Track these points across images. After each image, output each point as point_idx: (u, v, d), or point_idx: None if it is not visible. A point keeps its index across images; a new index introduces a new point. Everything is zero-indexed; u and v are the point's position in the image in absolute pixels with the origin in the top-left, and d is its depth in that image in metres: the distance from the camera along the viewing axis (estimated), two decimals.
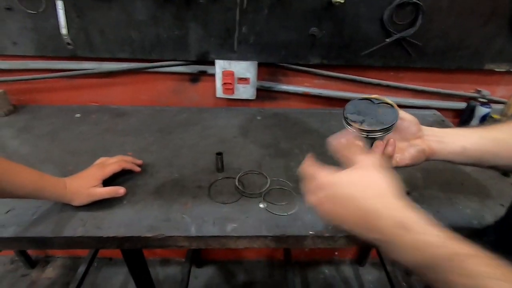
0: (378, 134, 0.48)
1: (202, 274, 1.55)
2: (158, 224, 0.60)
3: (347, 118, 0.49)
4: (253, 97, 1.05)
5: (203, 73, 1.04)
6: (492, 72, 1.05)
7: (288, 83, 1.09)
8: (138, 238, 0.58)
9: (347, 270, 1.58)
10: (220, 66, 0.98)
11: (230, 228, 0.60)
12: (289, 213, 0.64)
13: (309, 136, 0.93)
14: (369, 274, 1.56)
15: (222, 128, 0.96)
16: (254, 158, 0.82)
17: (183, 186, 0.71)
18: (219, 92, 1.03)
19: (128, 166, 0.70)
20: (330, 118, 1.04)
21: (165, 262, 1.59)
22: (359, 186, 0.40)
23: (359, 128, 0.48)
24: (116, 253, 1.60)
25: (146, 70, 1.03)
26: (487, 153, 0.49)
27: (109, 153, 0.75)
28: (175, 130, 0.94)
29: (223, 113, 1.05)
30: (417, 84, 1.09)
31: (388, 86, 1.08)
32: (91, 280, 1.49)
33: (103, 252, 1.58)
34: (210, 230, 0.59)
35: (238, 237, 0.59)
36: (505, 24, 0.94)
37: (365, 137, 0.48)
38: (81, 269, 1.22)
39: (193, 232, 0.59)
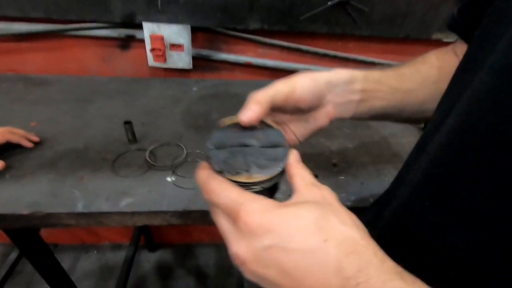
0: (273, 181, 0.28)
1: (155, 258, 1.49)
2: (42, 200, 0.52)
3: (221, 171, 0.27)
4: (190, 67, 0.96)
5: (132, 38, 0.93)
6: (440, 43, 1.01)
7: (230, 51, 1.00)
8: (14, 216, 0.50)
9: None
10: (149, 29, 0.88)
11: (124, 204, 0.53)
12: (197, 187, 0.58)
13: None
14: None
15: (152, 98, 0.88)
16: (176, 129, 0.74)
17: (85, 158, 0.63)
18: (150, 60, 0.93)
19: (14, 139, 0.61)
20: None
21: (115, 247, 1.52)
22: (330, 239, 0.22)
23: (241, 182, 0.27)
24: (63, 239, 1.51)
25: (66, 33, 0.91)
26: (393, 109, 0.42)
27: (8, 123, 0.65)
28: (96, 100, 0.84)
29: (157, 83, 0.96)
30: (366, 55, 1.03)
31: (335, 57, 1.02)
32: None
33: (49, 238, 1.48)
34: (100, 206, 0.52)
35: (133, 213, 0.52)
36: None
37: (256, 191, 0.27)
38: (12, 256, 1.13)
39: (79, 208, 0.52)
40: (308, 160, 0.67)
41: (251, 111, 0.31)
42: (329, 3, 0.86)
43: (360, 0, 0.88)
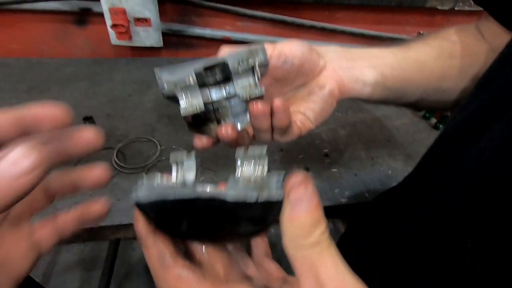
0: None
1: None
2: None
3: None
4: (160, 44, 0.84)
5: (88, 11, 0.79)
6: (435, 12, 0.93)
7: (205, 25, 0.88)
8: None
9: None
10: (107, 0, 0.74)
11: None
12: None
13: None
14: None
15: (117, 84, 0.77)
16: (148, 121, 0.65)
17: None
18: (113, 38, 0.81)
19: None
20: None
21: None
22: None
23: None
24: None
25: (7, 6, 0.76)
26: (408, 82, 0.35)
27: None
28: (51, 88, 0.73)
29: (123, 65, 0.84)
30: (355, 27, 0.95)
31: (323, 29, 0.92)
32: None
33: None
34: None
35: (101, 229, 0.45)
36: None
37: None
38: None
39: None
40: (298, 150, 0.61)
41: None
42: None
43: None
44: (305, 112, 0.31)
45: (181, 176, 0.21)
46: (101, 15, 0.79)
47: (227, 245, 0.22)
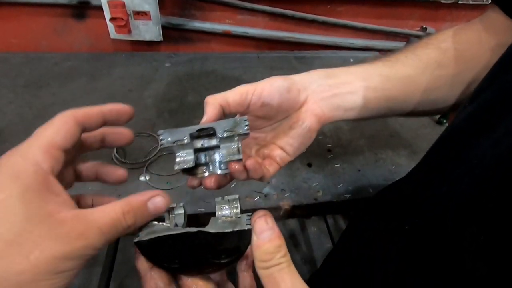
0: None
1: None
2: None
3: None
4: (160, 38, 0.83)
5: (86, 4, 0.78)
6: (438, 5, 0.92)
7: (205, 19, 0.87)
8: None
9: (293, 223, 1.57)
10: None
11: None
12: (175, 186, 0.51)
13: (226, 87, 0.76)
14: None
15: (117, 79, 0.76)
16: (148, 116, 0.65)
17: None
18: (112, 32, 0.79)
19: None
20: (258, 64, 0.87)
21: None
22: None
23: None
24: None
25: (5, 0, 0.75)
26: (394, 101, 0.36)
27: None
28: (50, 83, 0.72)
29: (122, 60, 0.83)
30: (357, 21, 0.93)
31: (324, 23, 0.91)
32: None
33: None
34: None
35: None
36: None
37: None
38: None
39: None
40: None
41: (205, 115, 0.29)
42: None
43: None
44: (284, 147, 0.33)
45: (173, 222, 0.25)
46: (100, 8, 0.77)
47: (211, 276, 0.26)
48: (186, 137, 0.28)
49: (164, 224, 0.25)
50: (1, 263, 0.16)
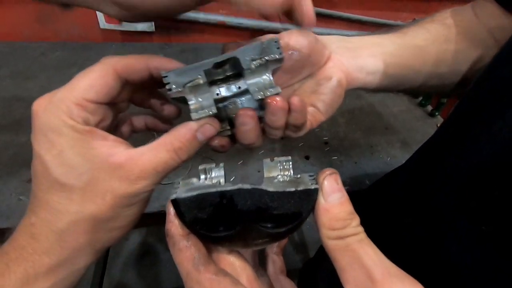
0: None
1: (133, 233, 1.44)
2: None
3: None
4: (151, 29, 0.80)
5: None
6: None
7: (199, 9, 0.85)
8: None
9: None
10: None
11: None
12: (175, 180, 0.50)
13: None
14: None
15: None
16: (141, 110, 0.63)
17: (29, 154, 0.51)
18: (102, 21, 0.77)
19: None
20: None
21: None
22: None
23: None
24: None
25: None
26: (409, 69, 0.35)
27: None
28: (36, 75, 0.69)
29: (113, 50, 0.80)
30: (352, 12, 0.93)
31: (320, 15, 0.90)
32: None
33: None
34: None
35: None
36: None
37: None
38: None
39: None
40: (299, 139, 0.61)
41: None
42: None
43: None
44: (316, 104, 0.30)
45: (211, 181, 0.22)
46: None
47: (254, 256, 0.23)
48: (200, 75, 0.21)
49: (206, 181, 0.21)
50: (86, 207, 0.19)
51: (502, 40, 0.33)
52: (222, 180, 0.21)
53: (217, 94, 0.23)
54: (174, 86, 0.21)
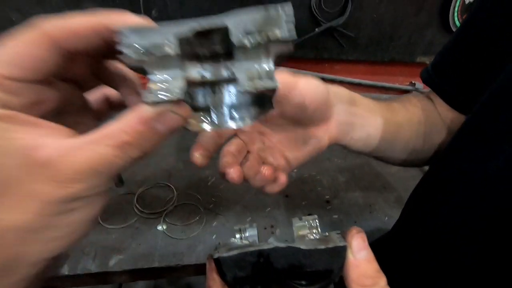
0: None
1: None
2: None
3: None
4: None
5: None
6: (425, 64, 1.03)
7: None
8: None
9: None
10: None
11: (113, 262, 0.50)
12: (190, 236, 0.56)
13: None
14: None
15: None
16: (165, 166, 0.72)
17: None
18: None
19: None
20: None
21: None
22: None
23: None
24: None
25: None
26: (386, 144, 0.39)
27: None
28: None
29: None
30: (353, 77, 1.04)
31: (322, 79, 1.01)
32: None
33: None
34: (88, 265, 0.49)
35: (123, 272, 0.50)
36: (435, 15, 0.90)
37: None
38: None
39: (65, 270, 0.49)
40: (302, 197, 0.67)
41: None
42: (316, 29, 0.86)
43: (346, 26, 0.88)
44: (291, 161, 0.31)
45: (248, 240, 0.22)
46: None
47: None
48: (171, 43, 0.15)
49: (243, 241, 0.22)
50: (7, 215, 0.14)
51: (454, 129, 0.40)
52: (256, 239, 0.22)
53: (195, 74, 0.16)
54: (129, 50, 0.15)
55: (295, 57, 0.94)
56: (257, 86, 0.16)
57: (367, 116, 0.36)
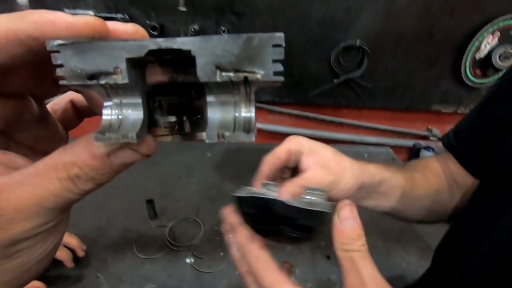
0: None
1: None
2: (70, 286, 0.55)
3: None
4: None
5: None
6: (440, 112, 1.08)
7: None
8: None
9: None
10: None
11: None
12: (216, 270, 0.60)
13: None
14: None
15: (168, 165, 0.92)
16: (193, 202, 0.78)
17: (108, 237, 0.66)
18: None
19: (61, 255, 0.56)
20: None
21: None
22: None
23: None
24: None
25: None
26: (396, 212, 0.46)
27: None
28: None
29: (169, 148, 1.01)
30: (370, 122, 1.10)
31: (341, 124, 1.08)
32: None
33: None
34: None
35: None
36: (449, 68, 0.97)
37: None
38: None
39: None
40: (321, 237, 0.70)
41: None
42: (335, 81, 0.94)
43: (363, 77, 0.96)
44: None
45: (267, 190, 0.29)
46: None
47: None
48: (121, 68, 0.12)
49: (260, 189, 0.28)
50: None
51: (465, 188, 0.43)
52: (274, 192, 0.28)
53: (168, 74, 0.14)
54: (68, 73, 0.12)
55: (314, 103, 1.02)
56: (229, 140, 0.13)
57: (385, 193, 0.42)
